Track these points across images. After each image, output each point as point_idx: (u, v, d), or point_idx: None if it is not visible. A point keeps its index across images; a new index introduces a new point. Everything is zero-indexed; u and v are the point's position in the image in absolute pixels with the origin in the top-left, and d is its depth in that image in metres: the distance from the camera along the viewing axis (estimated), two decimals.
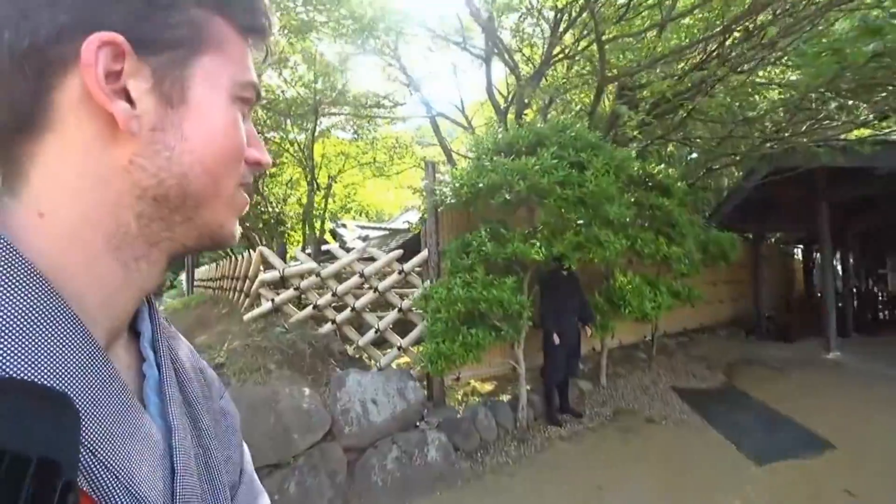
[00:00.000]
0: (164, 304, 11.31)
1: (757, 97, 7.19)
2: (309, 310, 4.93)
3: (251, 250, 6.54)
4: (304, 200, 11.52)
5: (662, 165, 6.13)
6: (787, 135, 6.77)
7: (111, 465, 0.32)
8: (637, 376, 6.29)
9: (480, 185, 4.20)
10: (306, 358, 4.39)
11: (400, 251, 5.11)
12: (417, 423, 4.34)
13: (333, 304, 5.04)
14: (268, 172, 10.75)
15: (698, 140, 8.15)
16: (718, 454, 4.31)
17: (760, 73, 7.06)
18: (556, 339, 4.91)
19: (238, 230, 0.44)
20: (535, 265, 4.56)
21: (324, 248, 9.56)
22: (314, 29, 7.99)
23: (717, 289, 9.16)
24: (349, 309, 4.93)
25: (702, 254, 6.46)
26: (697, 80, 6.09)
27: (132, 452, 0.34)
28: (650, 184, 5.77)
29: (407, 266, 5.00)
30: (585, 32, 6.90)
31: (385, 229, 11.95)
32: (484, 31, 7.05)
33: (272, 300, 4.95)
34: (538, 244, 4.26)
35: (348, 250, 5.70)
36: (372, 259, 5.13)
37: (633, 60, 6.39)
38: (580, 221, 4.47)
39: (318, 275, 4.95)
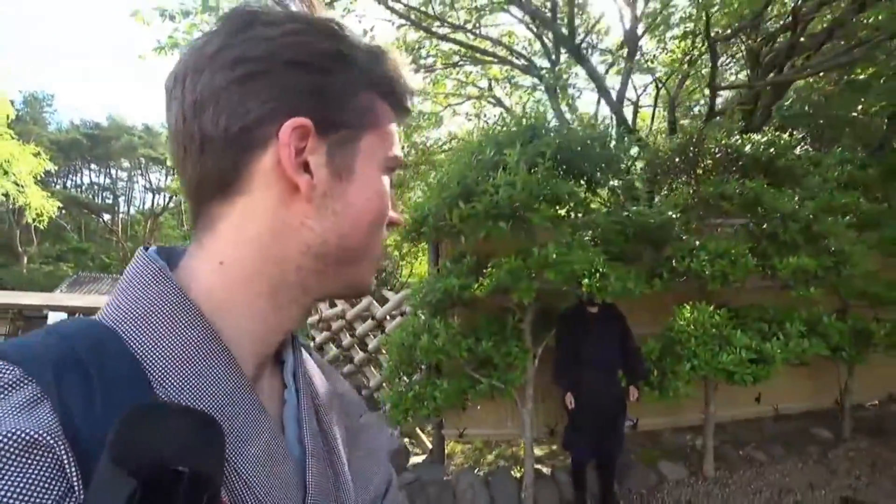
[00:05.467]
0: None
1: None
2: (336, 350, 5.18)
3: None
4: None
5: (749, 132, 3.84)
6: None
7: (250, 481, 0.37)
8: (785, 468, 3.92)
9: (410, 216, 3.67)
10: None
11: (408, 291, 4.84)
12: None
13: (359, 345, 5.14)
14: None
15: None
16: None
17: None
18: (570, 401, 3.65)
19: (373, 281, 0.49)
20: (538, 303, 3.56)
21: None
22: None
23: None
24: (363, 352, 4.94)
25: None
26: None
27: (268, 471, 0.38)
28: (745, 165, 3.70)
29: (395, 308, 4.69)
30: None
31: None
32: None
33: (314, 339, 5.43)
34: (490, 276, 3.38)
35: None
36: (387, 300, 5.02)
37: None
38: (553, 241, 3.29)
39: (342, 317, 5.17)
